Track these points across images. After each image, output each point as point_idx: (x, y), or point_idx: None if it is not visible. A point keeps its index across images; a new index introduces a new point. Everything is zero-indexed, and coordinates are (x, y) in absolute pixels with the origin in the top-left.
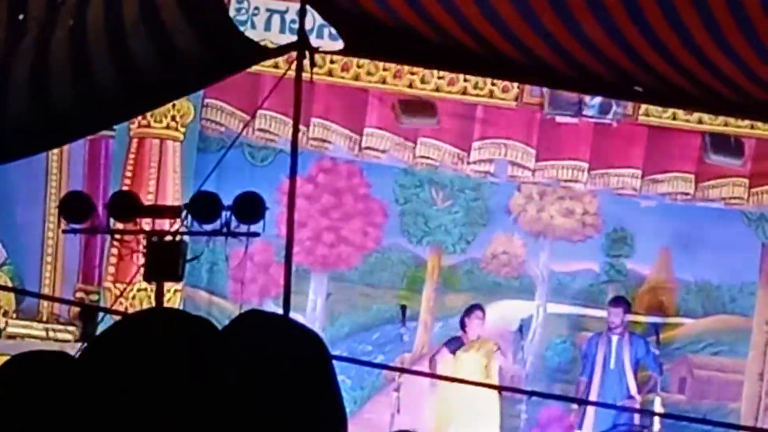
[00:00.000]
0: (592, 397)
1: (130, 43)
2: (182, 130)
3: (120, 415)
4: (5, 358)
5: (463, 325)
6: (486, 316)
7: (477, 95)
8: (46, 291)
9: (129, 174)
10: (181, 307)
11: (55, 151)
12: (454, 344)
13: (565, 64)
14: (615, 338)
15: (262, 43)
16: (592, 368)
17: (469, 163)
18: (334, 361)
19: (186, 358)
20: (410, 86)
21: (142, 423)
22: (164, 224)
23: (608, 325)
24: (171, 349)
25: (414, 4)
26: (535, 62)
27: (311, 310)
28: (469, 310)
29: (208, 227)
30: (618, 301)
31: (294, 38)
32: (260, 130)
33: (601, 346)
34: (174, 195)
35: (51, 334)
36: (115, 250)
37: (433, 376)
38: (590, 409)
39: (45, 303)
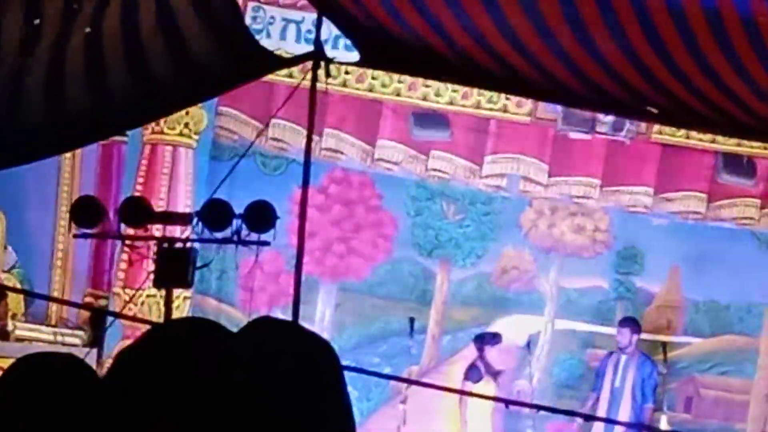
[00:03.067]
0: (600, 415)
1: (146, 49)
2: (195, 137)
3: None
4: (12, 361)
5: (480, 350)
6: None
7: (491, 109)
8: (55, 295)
9: (141, 180)
10: (189, 315)
11: (68, 155)
12: (475, 376)
13: (579, 82)
14: (623, 358)
15: (278, 53)
16: (601, 385)
17: (481, 177)
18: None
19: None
20: (424, 99)
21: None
22: (175, 231)
23: (617, 344)
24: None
25: (430, 19)
26: (550, 80)
27: (320, 321)
28: (494, 339)
29: (218, 235)
30: (626, 321)
31: (309, 48)
32: (273, 139)
33: (611, 365)
34: (185, 202)
35: (59, 338)
36: (125, 256)
37: (439, 388)
38: (598, 427)
39: (54, 307)
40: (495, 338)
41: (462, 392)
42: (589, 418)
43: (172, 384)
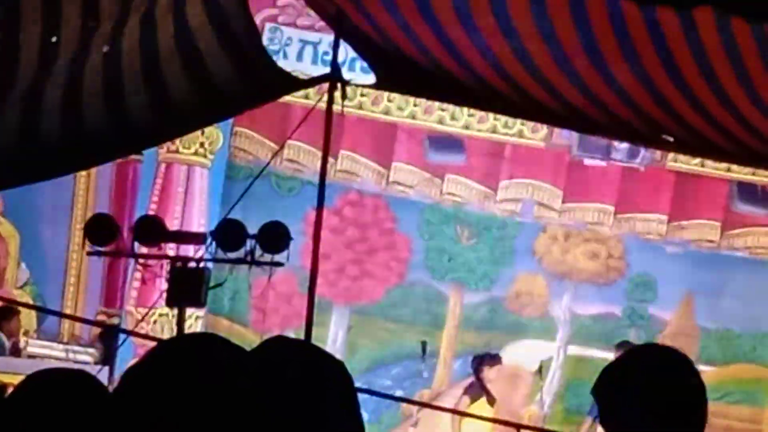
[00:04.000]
0: None
1: (163, 69)
2: (210, 156)
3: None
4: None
5: (477, 371)
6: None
7: (506, 134)
8: (67, 312)
9: (155, 198)
10: None
11: (83, 173)
12: (474, 391)
13: (595, 109)
14: None
15: (294, 74)
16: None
17: (495, 201)
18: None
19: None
20: (440, 122)
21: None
22: (188, 250)
23: None
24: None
25: (448, 44)
26: (566, 106)
27: (332, 343)
28: (492, 359)
29: (232, 255)
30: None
31: (326, 70)
32: (288, 160)
33: None
34: (199, 221)
35: (71, 355)
36: (138, 274)
37: (450, 411)
38: None
39: (66, 324)
40: (493, 359)
41: (472, 416)
42: None
43: (178, 393)
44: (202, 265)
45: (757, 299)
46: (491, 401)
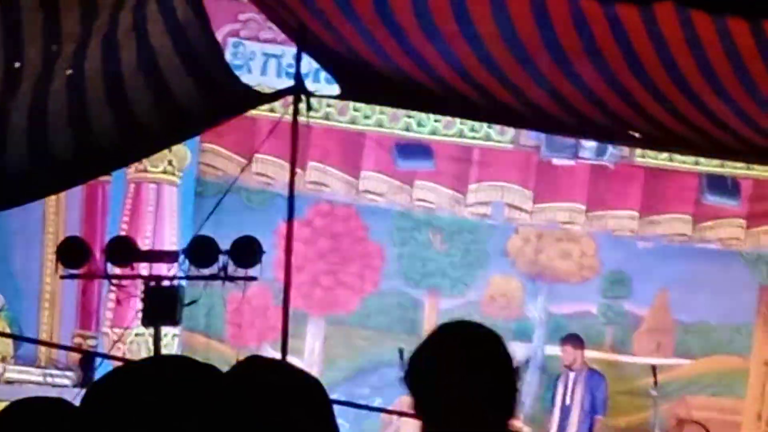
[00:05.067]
0: None
1: (127, 90)
2: (179, 174)
3: None
4: (3, 404)
5: None
6: None
7: (473, 138)
8: (44, 336)
9: (126, 218)
10: (178, 352)
11: (52, 196)
12: None
13: (562, 110)
14: (572, 375)
15: (259, 88)
16: (552, 405)
17: (466, 205)
18: (333, 405)
19: (184, 403)
20: (407, 129)
21: None
22: (161, 268)
23: (562, 362)
24: (170, 396)
25: (409, 50)
26: (532, 108)
27: (309, 354)
28: None
29: (205, 271)
30: (567, 339)
31: (290, 82)
32: (257, 174)
33: (560, 384)
34: (171, 239)
35: (49, 379)
36: (112, 295)
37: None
38: None
39: (43, 348)
40: None
41: None
42: None
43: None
44: (175, 283)
45: (732, 291)
46: None
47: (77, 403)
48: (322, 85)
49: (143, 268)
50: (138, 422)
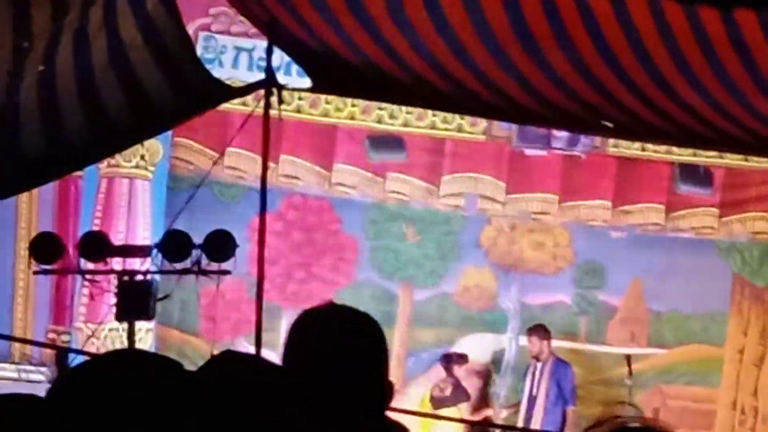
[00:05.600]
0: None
1: (99, 86)
2: (151, 169)
3: None
4: None
5: (448, 370)
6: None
7: (446, 129)
8: (17, 332)
9: (99, 214)
10: (153, 346)
11: (25, 193)
12: (447, 400)
13: (533, 100)
14: (539, 366)
15: (230, 81)
16: (521, 396)
17: (439, 197)
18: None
19: (148, 399)
20: (379, 122)
21: None
22: (135, 263)
23: (529, 353)
24: (133, 390)
25: (380, 41)
26: (503, 99)
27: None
28: (460, 359)
29: (178, 266)
30: (533, 329)
31: (262, 76)
32: (230, 167)
33: (528, 375)
34: (144, 234)
35: (23, 375)
36: (86, 291)
37: (403, 411)
38: None
39: (17, 344)
40: (462, 358)
41: (427, 415)
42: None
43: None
44: (149, 277)
45: (705, 279)
46: (468, 399)
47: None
48: (294, 78)
49: (116, 263)
50: (130, 421)
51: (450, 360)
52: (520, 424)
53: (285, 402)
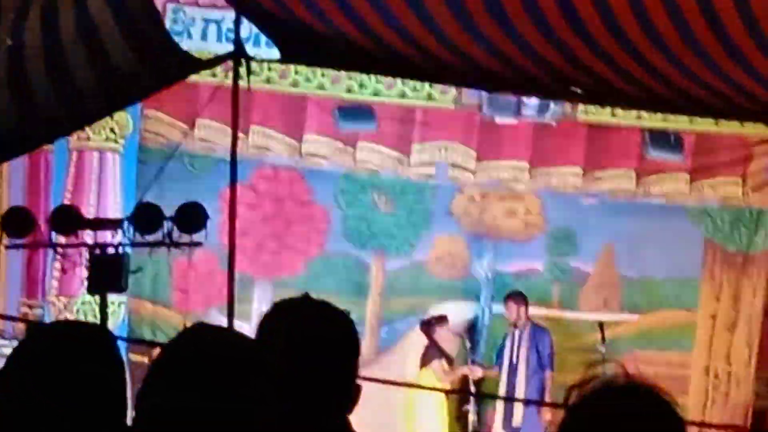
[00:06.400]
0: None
1: (67, 59)
2: (121, 141)
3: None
4: None
5: (428, 334)
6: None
7: (415, 98)
8: None
9: (69, 187)
10: (125, 319)
11: None
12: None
13: (501, 66)
14: (516, 333)
15: (199, 53)
16: (501, 364)
17: (409, 166)
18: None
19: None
20: (348, 91)
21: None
22: (106, 236)
23: (507, 319)
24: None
25: (349, 12)
26: (472, 66)
27: (256, 318)
28: (440, 321)
29: (150, 238)
30: (510, 296)
31: (231, 47)
32: (200, 139)
33: (507, 342)
34: (115, 207)
35: None
36: (58, 264)
37: (377, 381)
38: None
39: None
40: (441, 320)
41: (402, 384)
42: (531, 402)
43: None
44: (120, 250)
45: (677, 245)
46: (450, 361)
47: None
48: (263, 49)
49: (88, 237)
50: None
51: (430, 324)
52: (501, 392)
53: (254, 375)
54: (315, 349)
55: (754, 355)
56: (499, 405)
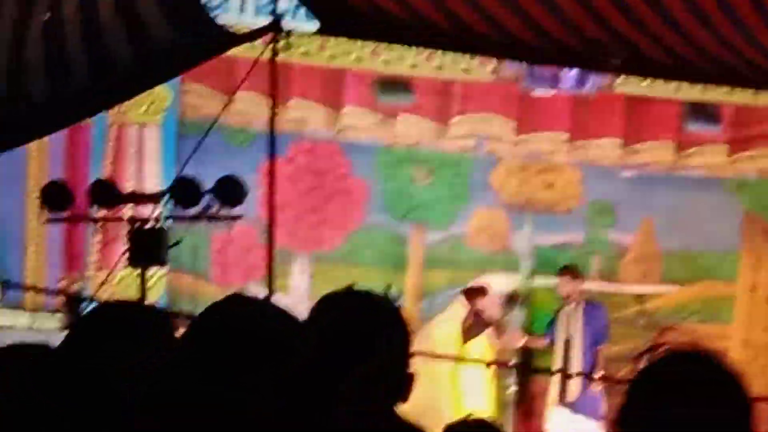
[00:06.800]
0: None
1: (105, 35)
2: (161, 115)
3: None
4: None
5: (471, 303)
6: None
7: (454, 71)
8: (29, 281)
9: (109, 161)
10: (164, 293)
11: (34, 141)
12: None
13: (539, 38)
14: (570, 307)
15: (237, 27)
16: (554, 339)
17: (448, 138)
18: None
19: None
20: (387, 64)
21: None
22: (146, 210)
23: (561, 294)
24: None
25: None
26: (510, 38)
27: (295, 292)
28: (482, 290)
29: (189, 212)
30: (564, 270)
31: (269, 20)
32: (238, 112)
33: (562, 317)
34: (154, 181)
35: (36, 323)
36: (97, 238)
37: (420, 354)
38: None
39: (30, 293)
40: (481, 290)
41: (441, 356)
42: (569, 375)
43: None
44: (160, 224)
45: (715, 217)
46: (497, 331)
47: None
48: (302, 21)
49: (127, 210)
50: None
51: (472, 293)
52: (556, 366)
53: (269, 360)
54: (358, 344)
55: None
56: (554, 379)
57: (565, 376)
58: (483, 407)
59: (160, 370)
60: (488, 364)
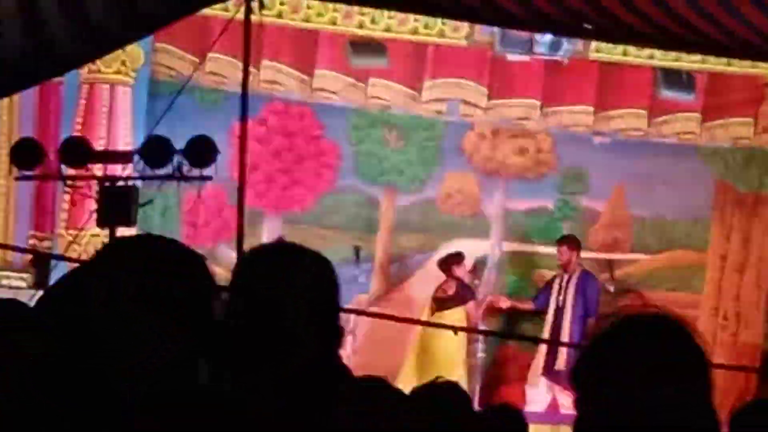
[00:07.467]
0: (545, 336)
1: None
2: (133, 74)
3: None
4: None
5: (448, 271)
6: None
7: (428, 35)
8: None
9: (80, 120)
10: None
11: (5, 98)
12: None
13: (514, 3)
14: (566, 276)
15: None
16: (546, 305)
17: (421, 102)
18: None
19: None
20: (360, 27)
21: None
22: (116, 169)
23: (559, 263)
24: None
25: None
26: (484, 2)
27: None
28: (457, 257)
29: (160, 172)
30: (564, 239)
31: None
32: (211, 73)
33: (555, 284)
34: (125, 140)
35: (4, 281)
36: (67, 197)
37: (386, 317)
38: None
39: None
40: (458, 256)
41: (409, 321)
42: (539, 341)
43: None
44: (130, 183)
45: (688, 185)
46: (473, 297)
47: (32, 304)
48: None
49: (98, 169)
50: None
51: (447, 261)
52: (546, 335)
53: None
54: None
55: (763, 297)
56: (542, 348)
57: (549, 343)
58: (453, 372)
59: (160, 370)
60: (485, 333)
